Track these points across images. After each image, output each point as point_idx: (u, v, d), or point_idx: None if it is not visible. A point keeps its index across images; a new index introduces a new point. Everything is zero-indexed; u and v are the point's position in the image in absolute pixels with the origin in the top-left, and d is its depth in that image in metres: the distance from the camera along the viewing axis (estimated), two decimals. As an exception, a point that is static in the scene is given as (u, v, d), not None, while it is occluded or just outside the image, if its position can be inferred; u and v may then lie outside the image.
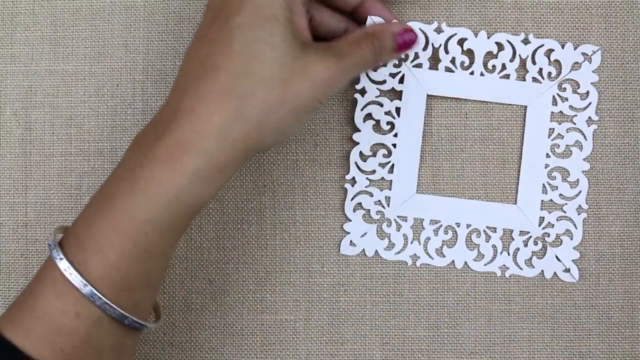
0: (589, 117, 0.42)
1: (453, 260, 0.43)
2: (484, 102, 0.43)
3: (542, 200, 0.42)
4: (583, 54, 0.42)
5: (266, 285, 0.43)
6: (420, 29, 0.42)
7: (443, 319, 0.43)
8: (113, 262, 0.32)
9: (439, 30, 0.42)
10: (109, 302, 0.32)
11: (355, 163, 0.43)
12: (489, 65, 0.42)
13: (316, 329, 0.43)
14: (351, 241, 0.43)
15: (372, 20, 0.40)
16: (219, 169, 0.33)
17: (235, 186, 0.44)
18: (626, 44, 0.43)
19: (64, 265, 0.32)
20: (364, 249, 0.43)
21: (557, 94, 0.42)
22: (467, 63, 0.42)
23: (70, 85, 0.44)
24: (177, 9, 0.44)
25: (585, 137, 0.42)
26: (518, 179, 0.43)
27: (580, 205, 0.42)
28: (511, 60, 0.42)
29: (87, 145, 0.44)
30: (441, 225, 0.43)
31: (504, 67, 0.42)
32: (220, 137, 0.33)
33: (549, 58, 0.42)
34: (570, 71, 0.42)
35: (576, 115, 0.42)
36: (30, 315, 0.32)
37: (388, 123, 0.42)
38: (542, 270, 0.42)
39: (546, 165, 0.42)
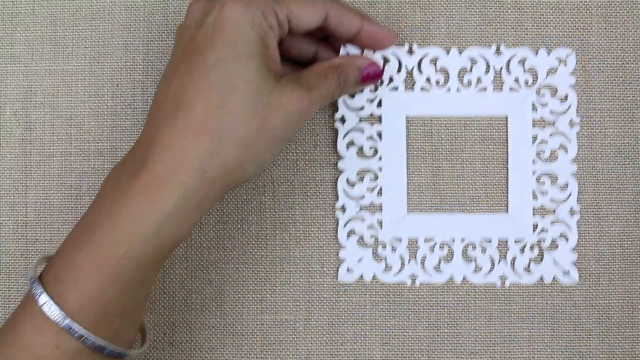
0: (571, 120, 0.42)
1: (452, 276, 0.43)
2: (465, 117, 0.43)
3: (533, 207, 0.42)
4: (557, 58, 0.42)
5: (266, 285, 0.43)
6: (392, 53, 0.42)
7: (443, 319, 0.43)
8: (90, 296, 0.32)
9: (410, 52, 0.42)
10: (86, 334, 0.32)
11: (344, 190, 0.43)
12: (465, 81, 0.42)
13: (316, 329, 0.43)
14: (348, 268, 0.43)
15: (344, 50, 0.40)
16: (198, 205, 0.33)
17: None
18: (626, 44, 0.43)
19: (42, 299, 0.32)
20: (361, 274, 0.43)
21: (536, 100, 0.42)
22: (442, 81, 0.42)
23: (70, 85, 0.44)
24: (177, 9, 0.44)
25: (569, 139, 0.42)
26: (507, 188, 0.43)
27: (572, 208, 0.42)
28: (486, 73, 0.42)
29: (87, 145, 0.44)
30: (436, 242, 0.42)
31: (479, 80, 0.42)
32: (198, 173, 0.33)
33: (523, 66, 0.42)
34: (546, 77, 0.42)
35: (558, 119, 0.42)
36: (13, 346, 0.33)
37: (371, 148, 0.42)
38: (542, 276, 0.42)
39: (533, 172, 0.42)
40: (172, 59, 0.36)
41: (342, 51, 0.40)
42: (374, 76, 0.40)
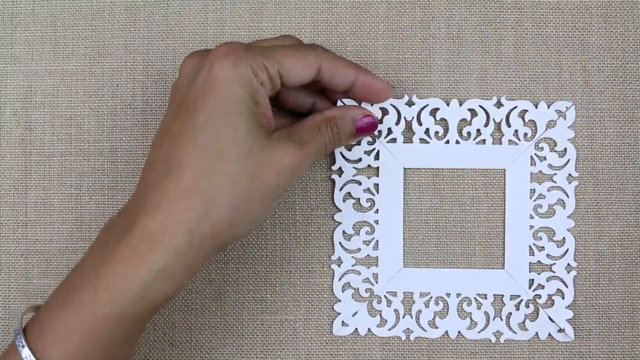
0: (569, 174, 0.42)
1: (447, 331, 0.42)
2: (463, 169, 0.43)
3: (529, 262, 0.42)
4: (557, 111, 0.42)
5: (266, 285, 0.43)
6: (391, 104, 0.42)
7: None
8: (72, 353, 0.32)
9: (410, 104, 0.42)
10: None
11: (340, 243, 0.43)
12: (464, 133, 0.42)
13: (316, 329, 0.43)
14: (343, 321, 0.43)
15: (341, 102, 0.40)
16: (187, 266, 0.33)
17: (235, 186, 0.43)
18: (626, 44, 0.43)
19: (25, 353, 0.33)
20: (356, 328, 0.43)
21: (535, 154, 0.42)
22: (441, 133, 0.42)
23: (70, 85, 0.44)
24: (177, 9, 0.44)
25: (567, 194, 0.42)
26: (504, 243, 0.43)
27: (569, 264, 0.42)
28: (485, 125, 0.42)
29: (87, 145, 0.44)
30: (431, 297, 0.42)
31: (479, 132, 0.42)
32: (188, 234, 0.33)
33: (523, 119, 0.42)
34: (545, 130, 0.42)
35: (556, 174, 0.42)
36: None
37: (368, 200, 0.42)
38: (537, 333, 0.42)
39: (531, 227, 0.42)
40: (165, 119, 0.35)
41: (338, 104, 0.40)
42: (368, 127, 0.39)
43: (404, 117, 0.42)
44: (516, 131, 0.42)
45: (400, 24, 0.43)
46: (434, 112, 0.42)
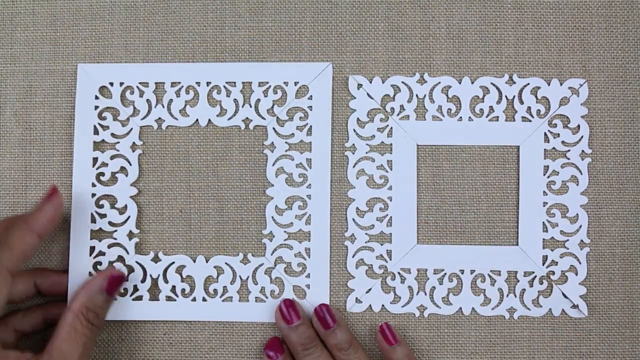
0: (582, 151, 0.42)
1: (460, 308, 0.43)
2: (476, 146, 0.43)
3: (543, 239, 0.42)
4: (570, 88, 0.42)
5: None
6: (402, 82, 0.42)
7: (443, 319, 0.43)
8: None
9: (421, 82, 0.42)
10: None
11: (353, 219, 0.43)
12: (477, 110, 0.42)
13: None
14: (357, 298, 0.43)
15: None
16: None
17: (235, 186, 0.44)
18: (626, 44, 0.43)
19: None
20: (370, 305, 0.43)
21: (548, 130, 0.42)
22: (454, 110, 0.42)
23: (70, 85, 0.44)
24: (177, 9, 0.44)
25: (580, 171, 0.42)
26: (518, 220, 0.43)
27: (582, 240, 0.42)
28: (498, 102, 0.42)
29: (87, 145, 0.44)
30: (445, 274, 0.42)
31: (491, 109, 0.42)
32: None
33: (536, 96, 0.42)
34: (559, 107, 0.42)
35: (569, 150, 0.42)
36: None
37: (381, 177, 0.42)
38: (550, 309, 0.42)
39: (544, 203, 0.42)
40: None
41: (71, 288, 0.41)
42: (117, 282, 0.40)
43: (417, 95, 0.42)
44: (529, 108, 0.42)
45: (400, 24, 0.43)
46: (446, 89, 0.42)
